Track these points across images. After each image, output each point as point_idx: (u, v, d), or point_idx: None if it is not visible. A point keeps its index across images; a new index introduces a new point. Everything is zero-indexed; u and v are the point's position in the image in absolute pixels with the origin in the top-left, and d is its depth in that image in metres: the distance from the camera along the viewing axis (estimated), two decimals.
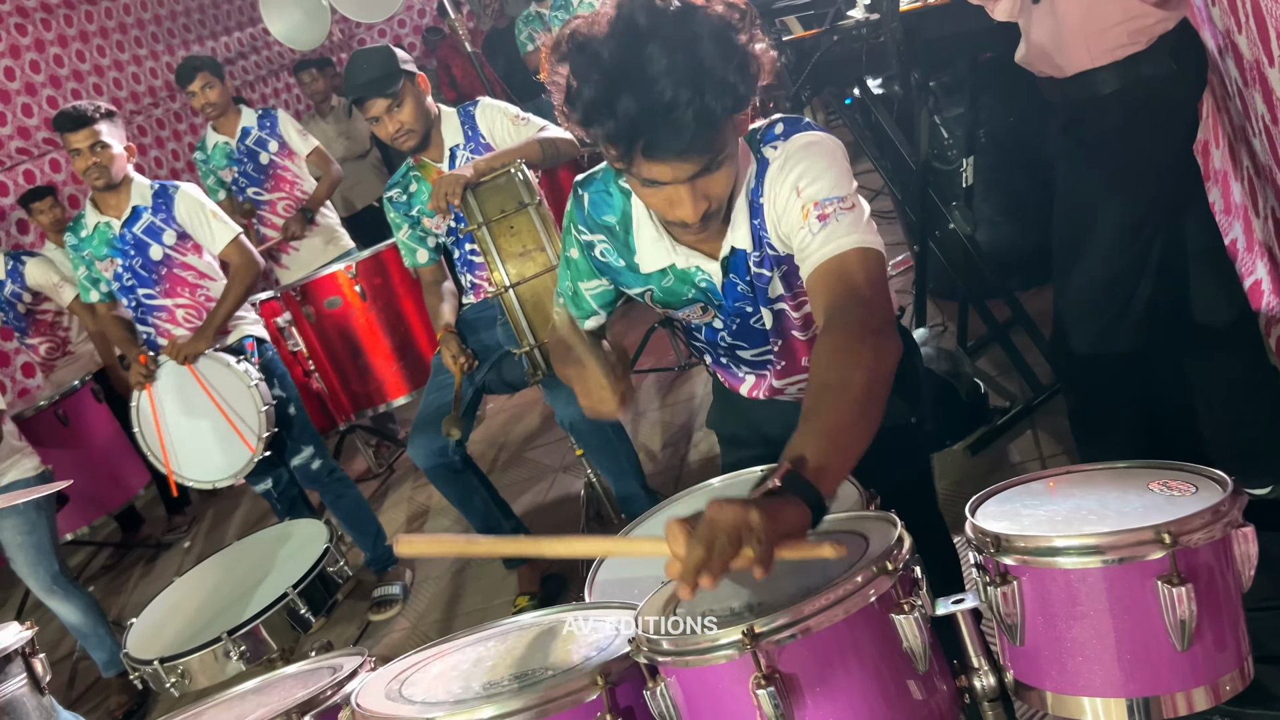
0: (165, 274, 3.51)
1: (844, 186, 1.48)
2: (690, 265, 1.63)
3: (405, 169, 3.27)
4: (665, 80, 1.29)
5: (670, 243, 1.61)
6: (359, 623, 3.75)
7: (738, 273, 1.63)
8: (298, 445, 3.64)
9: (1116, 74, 2.10)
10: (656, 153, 1.34)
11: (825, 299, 1.42)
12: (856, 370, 1.28)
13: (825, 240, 1.43)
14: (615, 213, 1.66)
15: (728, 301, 1.68)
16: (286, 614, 2.12)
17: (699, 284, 1.66)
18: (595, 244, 1.68)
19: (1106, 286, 2.24)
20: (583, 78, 1.34)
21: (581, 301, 1.77)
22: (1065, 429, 3.13)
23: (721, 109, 1.32)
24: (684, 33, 1.31)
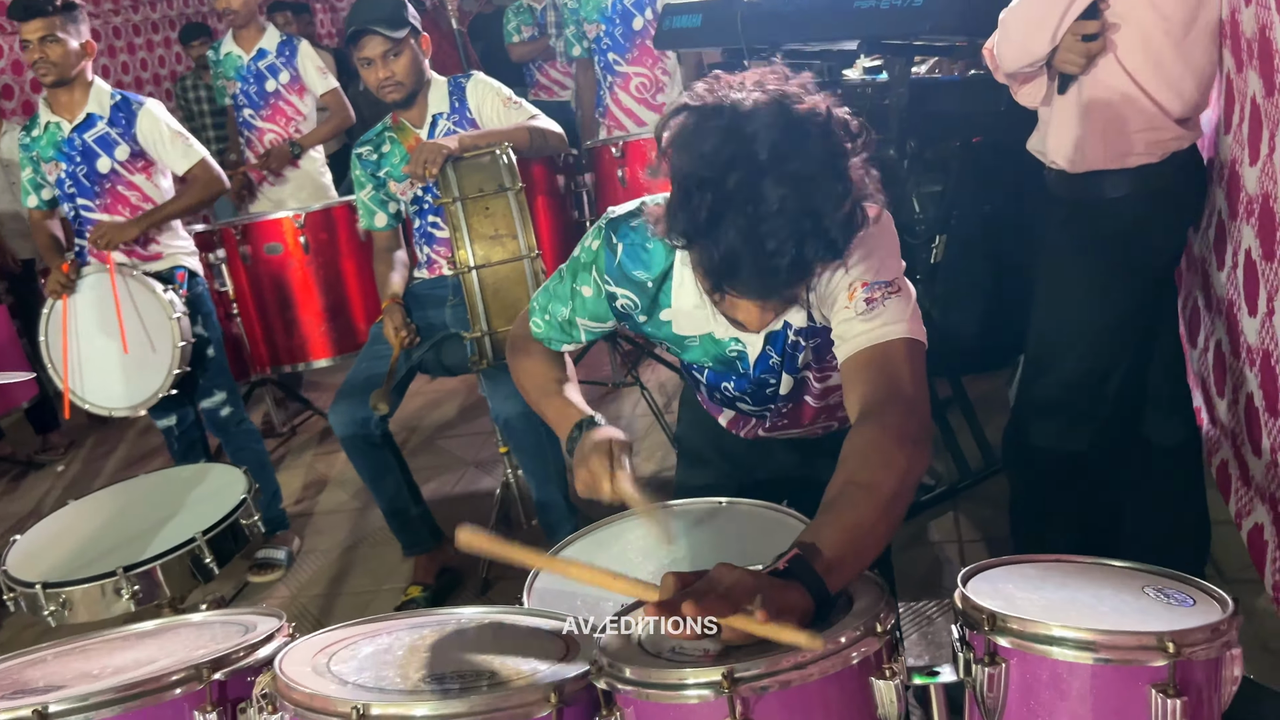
0: (108, 189, 3.33)
1: (893, 269, 1.43)
2: (727, 336, 1.58)
3: (381, 128, 3.16)
4: (773, 223, 1.20)
5: (711, 310, 1.53)
6: (236, 582, 3.57)
7: (776, 346, 1.58)
8: (210, 388, 3.47)
9: (1127, 180, 2.12)
10: (741, 293, 1.31)
11: (864, 389, 1.36)
12: (889, 474, 1.24)
13: (870, 326, 1.38)
14: (652, 270, 1.56)
15: (755, 372, 1.63)
16: (190, 560, 1.97)
17: (729, 353, 1.61)
18: (619, 296, 1.60)
19: (1076, 384, 2.26)
20: (690, 186, 1.24)
21: (573, 331, 1.69)
22: (986, 517, 3.16)
23: (816, 261, 1.25)
24: (800, 167, 1.21)
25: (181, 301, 3.28)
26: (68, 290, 3.25)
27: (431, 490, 4.02)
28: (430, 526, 3.29)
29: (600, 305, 1.62)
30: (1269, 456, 2.14)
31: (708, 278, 1.29)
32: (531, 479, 3.18)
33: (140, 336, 3.22)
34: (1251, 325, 2.18)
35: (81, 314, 3.26)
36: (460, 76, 3.17)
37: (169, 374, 3.21)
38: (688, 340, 1.62)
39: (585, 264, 1.61)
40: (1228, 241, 2.31)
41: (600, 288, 1.60)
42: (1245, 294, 2.20)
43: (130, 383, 3.26)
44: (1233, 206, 2.23)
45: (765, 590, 1.07)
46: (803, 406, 1.72)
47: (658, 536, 1.57)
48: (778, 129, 1.22)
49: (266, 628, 1.37)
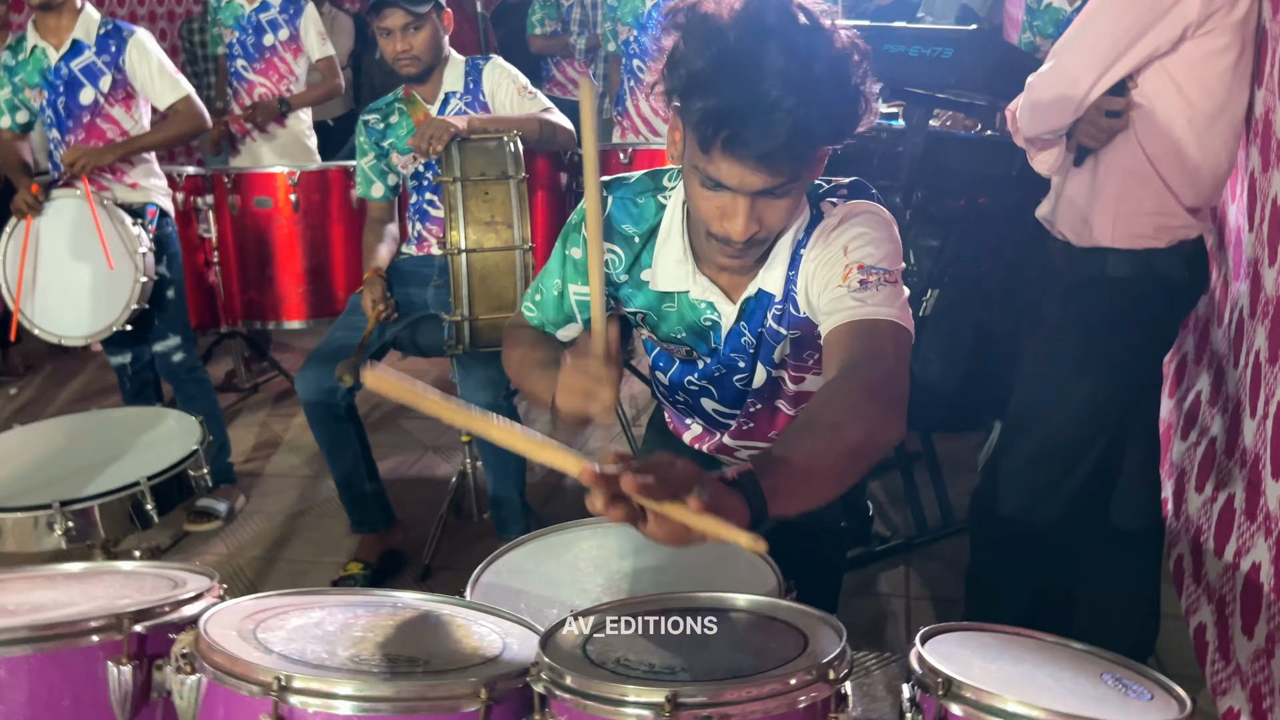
0: (88, 122, 3.25)
1: (894, 261, 1.41)
2: (702, 299, 1.54)
3: (392, 98, 3.11)
4: (775, 79, 1.22)
5: (693, 268, 1.52)
6: (174, 531, 3.49)
7: (751, 320, 1.54)
8: (166, 331, 3.39)
9: (1130, 262, 2.11)
10: (738, 148, 1.26)
11: (847, 352, 1.33)
12: (857, 423, 1.19)
13: (862, 302, 1.35)
14: (640, 224, 1.56)
15: (724, 348, 1.58)
16: (130, 504, 1.90)
17: (702, 323, 1.57)
18: (604, 252, 1.57)
19: (1050, 460, 2.24)
20: (695, 49, 1.27)
21: (565, 305, 1.64)
22: (937, 575, 3.14)
23: (818, 130, 1.26)
24: (807, 46, 1.25)
25: (149, 238, 3.21)
26: (34, 211, 3.17)
27: (388, 469, 3.95)
28: (383, 506, 3.23)
29: (586, 264, 1.58)
30: (1229, 559, 2.13)
31: (703, 126, 1.26)
32: (490, 472, 3.12)
33: (102, 267, 3.14)
34: (1250, 427, 2.17)
35: (44, 237, 3.18)
36: (479, 58, 3.13)
37: (125, 308, 3.13)
38: (665, 305, 1.58)
39: (575, 224, 1.60)
40: (1243, 340, 2.31)
41: (588, 244, 1.57)
42: (1250, 394, 2.20)
43: (85, 313, 3.19)
44: (1252, 305, 2.23)
45: (706, 485, 0.98)
46: (775, 413, 1.67)
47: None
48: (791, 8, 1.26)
49: (197, 585, 1.32)
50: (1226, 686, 2.20)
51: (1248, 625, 2.08)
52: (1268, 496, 1.98)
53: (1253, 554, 2.08)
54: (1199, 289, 2.22)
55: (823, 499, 1.14)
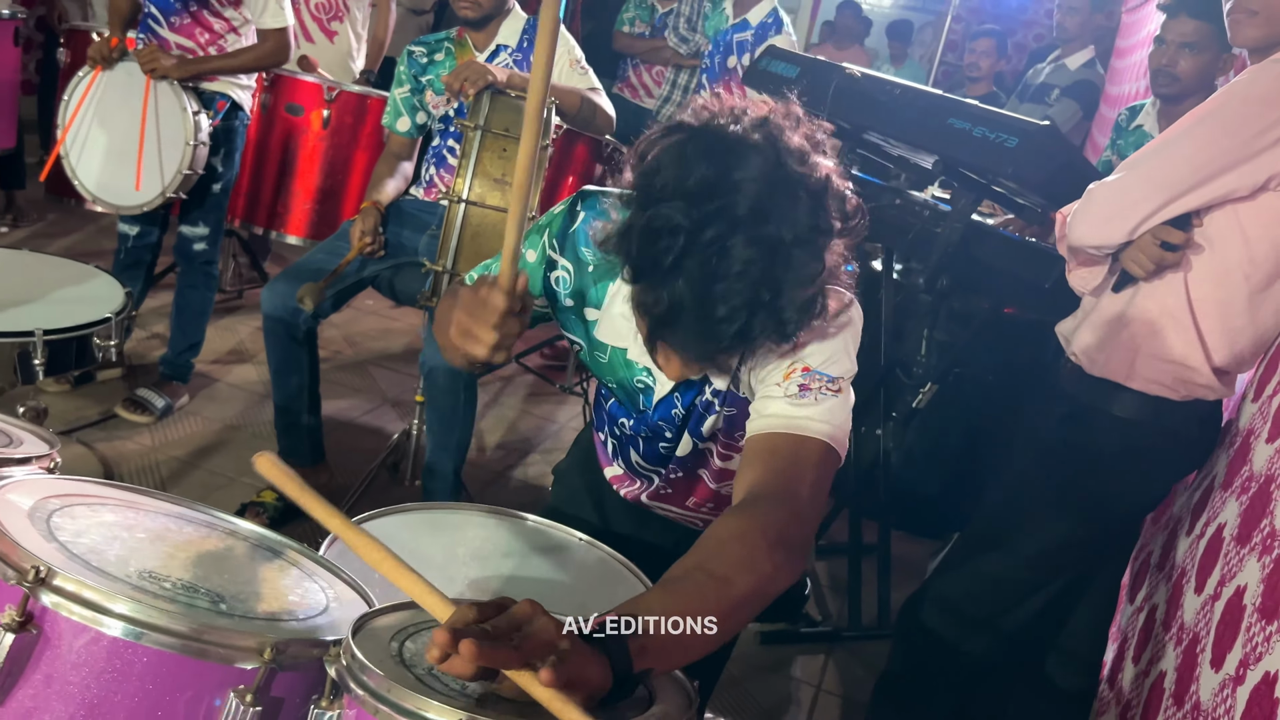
0: (195, 10, 3.13)
1: (841, 367, 1.28)
2: (640, 363, 1.42)
3: (443, 36, 3.00)
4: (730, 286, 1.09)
5: (633, 334, 1.39)
6: (104, 410, 3.35)
7: (685, 396, 1.41)
8: (198, 219, 3.30)
9: (1140, 404, 1.95)
10: (676, 348, 1.20)
11: (759, 474, 1.20)
12: (749, 577, 1.06)
13: (793, 412, 1.22)
14: (598, 257, 1.40)
15: (652, 415, 1.45)
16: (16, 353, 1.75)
17: (635, 384, 1.44)
18: (558, 266, 1.43)
19: (1000, 586, 2.08)
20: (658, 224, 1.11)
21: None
22: (857, 676, 2.97)
23: (763, 337, 1.15)
24: (777, 233, 1.09)
25: (208, 128, 3.10)
26: (105, 64, 3.06)
27: (338, 408, 3.81)
28: (315, 443, 3.09)
29: (536, 271, 1.45)
30: None
31: (646, 320, 1.17)
32: (431, 437, 2.97)
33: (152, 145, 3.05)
34: (1192, 603, 2.00)
35: (106, 92, 3.08)
36: None
37: (161, 194, 3.05)
38: (598, 352, 1.45)
39: (541, 226, 1.45)
40: (1205, 509, 2.14)
41: (544, 251, 1.43)
42: (1199, 568, 2.03)
43: (118, 182, 3.10)
44: (1229, 477, 2.06)
45: (565, 654, 0.87)
46: (696, 482, 1.54)
47: None
48: (766, 183, 1.08)
49: (31, 449, 1.17)
50: None
51: None
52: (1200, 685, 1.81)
53: None
54: (1205, 452, 2.06)
55: (697, 655, 1.01)
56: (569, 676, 0.86)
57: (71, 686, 0.88)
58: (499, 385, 4.33)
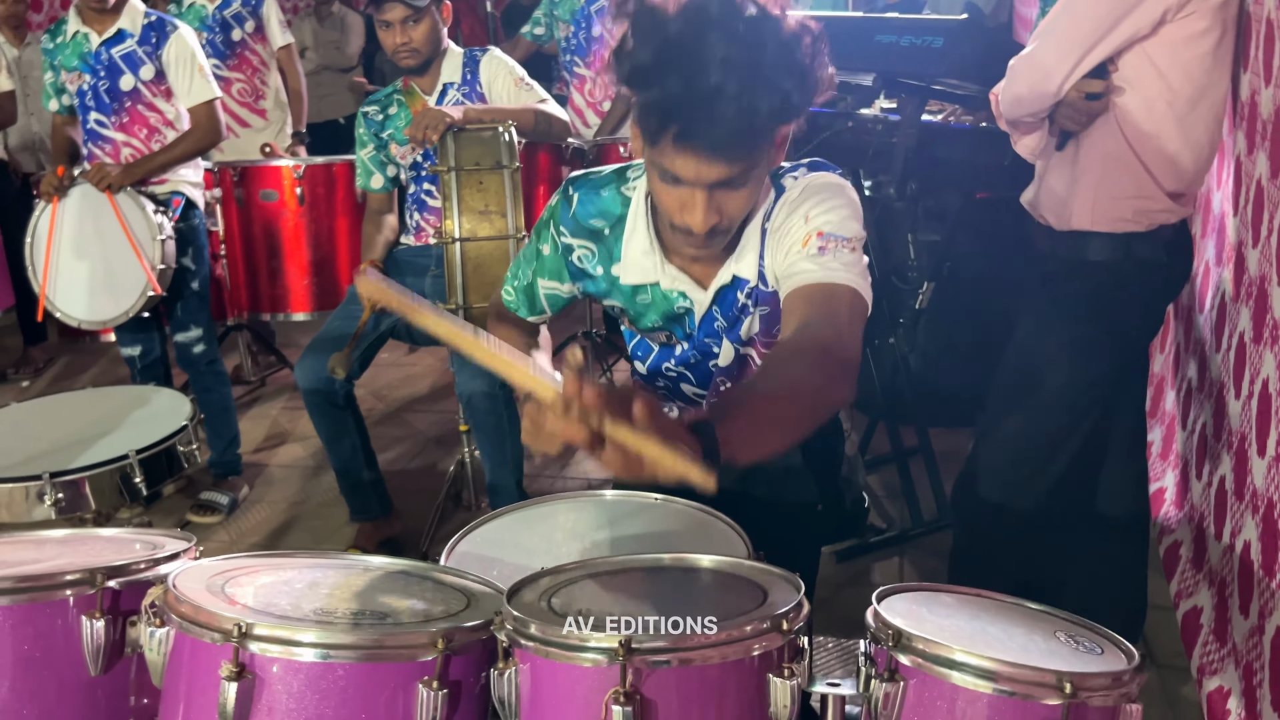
0: (129, 106, 3.29)
1: (853, 229, 1.42)
2: (674, 288, 1.56)
3: (391, 90, 3.15)
4: (718, 67, 1.22)
5: (660, 259, 1.53)
6: (177, 519, 3.54)
7: (724, 305, 1.56)
8: (188, 322, 3.44)
9: (1109, 245, 2.12)
10: (687, 141, 1.27)
11: (802, 315, 1.34)
12: (810, 381, 1.21)
13: (818, 266, 1.36)
14: (607, 217, 1.57)
15: (699, 334, 1.60)
16: (119, 476, 1.93)
17: (676, 310, 1.58)
18: (575, 248, 1.59)
19: (1033, 442, 2.24)
20: (639, 40, 1.27)
21: (535, 297, 1.69)
22: (932, 568, 3.14)
23: (768, 110, 1.26)
24: (752, 34, 1.25)
25: (170, 226, 3.25)
26: (59, 194, 3.21)
27: (388, 460, 3.99)
28: (380, 495, 3.26)
29: (557, 262, 1.61)
30: (1227, 540, 2.13)
31: (649, 120, 1.28)
32: (487, 460, 3.15)
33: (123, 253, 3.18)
34: (1235, 408, 2.17)
35: (67, 220, 3.22)
36: (477, 50, 3.16)
37: (143, 294, 3.17)
38: (639, 298, 1.59)
39: (545, 220, 1.61)
40: (1225, 323, 2.31)
41: (557, 242, 1.60)
42: (1234, 376, 2.20)
43: (103, 296, 3.23)
44: (1235, 289, 2.23)
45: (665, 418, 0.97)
46: None
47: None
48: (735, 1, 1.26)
49: (174, 548, 1.35)
50: (1218, 667, 2.21)
51: (1244, 604, 2.08)
52: (1254, 474, 1.99)
53: (1244, 533, 2.08)
54: (1181, 273, 2.23)
55: (771, 450, 1.15)
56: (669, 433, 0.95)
57: (291, 712, 1.06)
58: None
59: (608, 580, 1.22)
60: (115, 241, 3.17)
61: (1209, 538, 2.38)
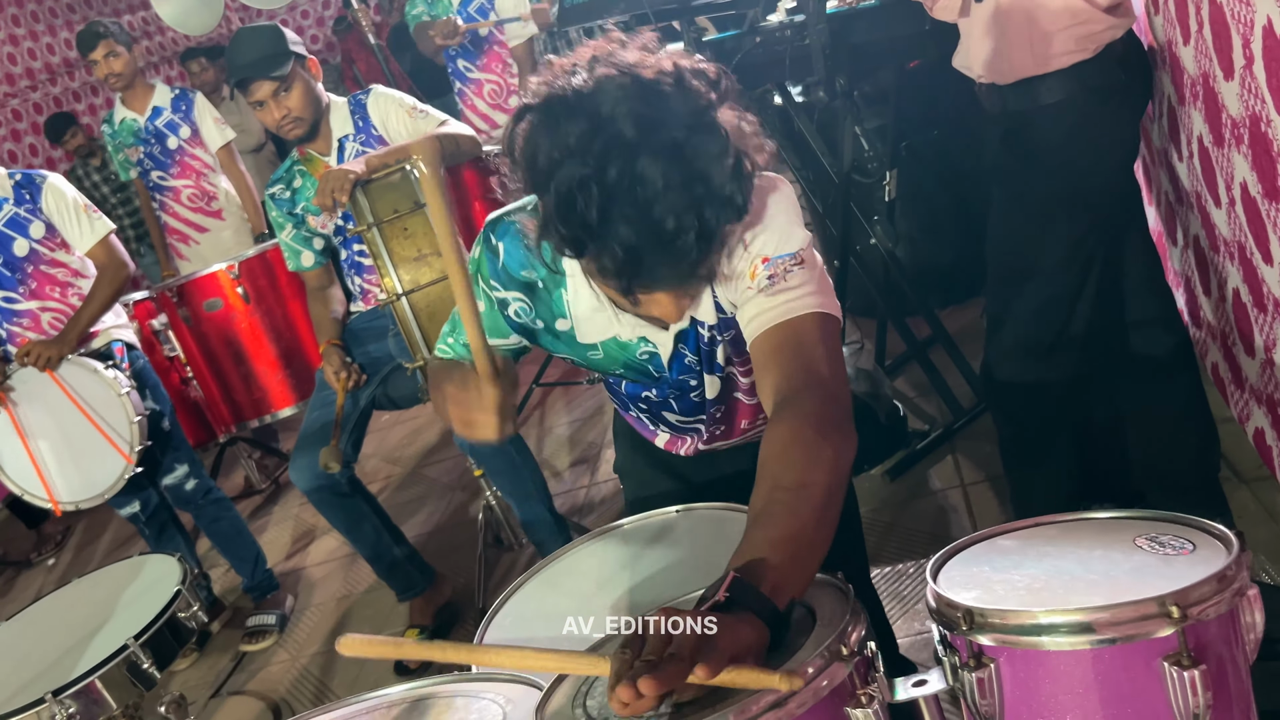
0: (31, 272, 3.16)
1: (796, 239, 1.29)
2: (635, 337, 1.43)
3: (289, 163, 3.00)
4: (665, 201, 1.09)
5: (613, 312, 1.39)
6: (233, 654, 3.44)
7: (689, 344, 1.43)
8: (171, 464, 3.32)
9: (1061, 82, 1.96)
10: (656, 286, 1.17)
11: (777, 375, 1.23)
12: (817, 470, 1.11)
13: (774, 303, 1.25)
14: (539, 270, 1.41)
15: (672, 374, 1.48)
16: (126, 668, 1.81)
17: (639, 357, 1.46)
18: (510, 302, 1.45)
19: (1043, 311, 2.10)
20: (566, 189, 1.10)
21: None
22: (987, 454, 3.01)
23: (721, 224, 1.13)
24: (671, 134, 1.10)
25: (125, 376, 3.13)
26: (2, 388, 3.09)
27: (420, 522, 3.88)
28: (419, 566, 3.15)
29: (494, 317, 1.47)
30: (1262, 355, 1.98)
31: (616, 280, 1.16)
32: (511, 499, 3.03)
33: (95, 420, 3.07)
34: (1220, 216, 2.02)
35: (27, 412, 3.11)
36: (360, 93, 3.00)
37: (132, 452, 3.06)
38: (590, 352, 1.47)
39: (473, 275, 1.45)
40: (1180, 129, 2.15)
41: (490, 297, 1.45)
42: (1206, 184, 2.04)
43: (92, 470, 3.12)
44: (1179, 91, 2.07)
45: (709, 644, 0.91)
46: (736, 407, 1.57)
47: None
48: (633, 100, 1.09)
49: None
50: None
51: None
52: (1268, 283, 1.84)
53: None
54: (1144, 85, 2.07)
55: (821, 557, 1.07)
56: (732, 651, 0.91)
57: None
58: (537, 415, 4.38)
59: None
60: (72, 420, 3.06)
61: (1239, 354, 2.23)
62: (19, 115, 6.88)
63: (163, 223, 4.58)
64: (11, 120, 6.79)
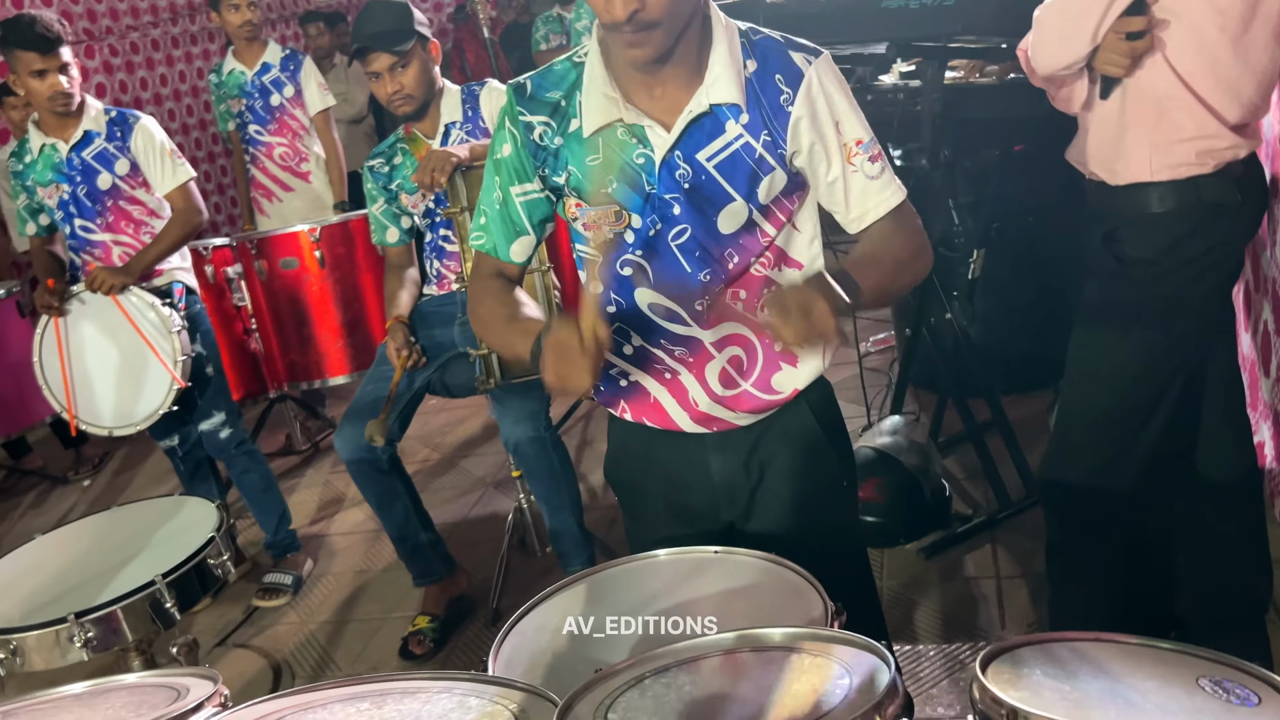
0: (110, 205, 3.24)
1: (866, 126, 1.52)
2: (637, 123, 1.48)
3: (393, 139, 3.04)
4: None
5: (621, 99, 1.48)
6: (245, 606, 3.47)
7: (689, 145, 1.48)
8: (208, 409, 3.37)
9: (1174, 192, 1.92)
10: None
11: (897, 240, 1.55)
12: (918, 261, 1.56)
13: (887, 189, 1.53)
14: (562, 86, 1.55)
15: (659, 187, 1.49)
16: (149, 604, 1.83)
17: (634, 161, 1.49)
18: (535, 125, 1.55)
19: (1115, 419, 2.05)
20: None
21: (511, 215, 1.59)
22: (1027, 550, 2.96)
23: None
24: None
25: (180, 316, 3.19)
26: (56, 311, 3.17)
27: (450, 512, 3.89)
28: (441, 555, 3.16)
29: (520, 156, 1.55)
30: None
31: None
32: (544, 505, 3.03)
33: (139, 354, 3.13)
34: None
35: (73, 333, 3.19)
36: (475, 84, 3.04)
37: (170, 389, 3.13)
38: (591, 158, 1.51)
39: (499, 124, 1.58)
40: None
41: (516, 130, 1.55)
42: None
43: (130, 400, 3.19)
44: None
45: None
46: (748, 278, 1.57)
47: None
48: None
49: (199, 693, 1.23)
50: None
51: None
52: None
53: None
54: (1257, 211, 2.02)
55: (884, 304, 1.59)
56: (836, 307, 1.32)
57: None
58: (581, 425, 4.38)
59: (670, 679, 1.08)
60: (130, 344, 3.12)
61: None
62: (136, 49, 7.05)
63: (252, 177, 4.67)
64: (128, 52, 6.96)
